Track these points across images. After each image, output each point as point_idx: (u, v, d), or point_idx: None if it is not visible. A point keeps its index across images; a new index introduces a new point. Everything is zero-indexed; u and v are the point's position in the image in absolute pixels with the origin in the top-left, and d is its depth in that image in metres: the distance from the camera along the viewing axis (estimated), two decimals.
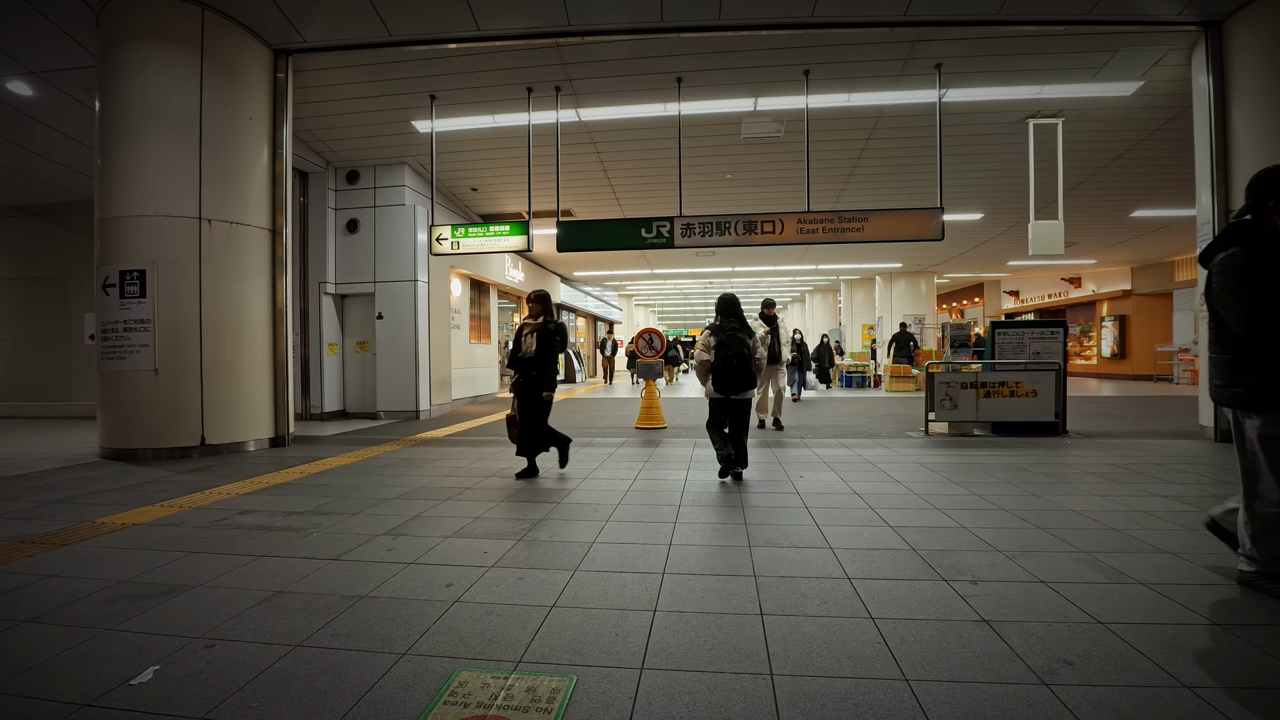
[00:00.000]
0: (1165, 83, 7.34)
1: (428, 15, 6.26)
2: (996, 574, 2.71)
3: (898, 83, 7.46)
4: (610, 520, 3.67)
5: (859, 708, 1.71)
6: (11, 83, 7.16)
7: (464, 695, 1.78)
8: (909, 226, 7.52)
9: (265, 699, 1.78)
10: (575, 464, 5.56)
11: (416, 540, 3.31)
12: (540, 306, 5.11)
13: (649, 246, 7.87)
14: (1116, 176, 10.63)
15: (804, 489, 4.46)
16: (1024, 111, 8.19)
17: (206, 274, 6.16)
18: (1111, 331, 20.46)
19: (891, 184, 11.09)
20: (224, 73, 6.30)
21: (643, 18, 6.31)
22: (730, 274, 22.44)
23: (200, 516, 3.83)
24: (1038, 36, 6.56)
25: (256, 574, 2.81)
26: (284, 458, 6.07)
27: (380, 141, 9.28)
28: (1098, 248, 16.62)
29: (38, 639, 2.17)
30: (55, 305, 10.90)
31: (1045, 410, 7.03)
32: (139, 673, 1.93)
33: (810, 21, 6.29)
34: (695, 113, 8.10)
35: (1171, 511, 3.74)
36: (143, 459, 5.89)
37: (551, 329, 5.01)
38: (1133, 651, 2.00)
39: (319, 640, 2.14)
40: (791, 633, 2.16)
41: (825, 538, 3.27)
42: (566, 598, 2.49)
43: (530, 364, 4.97)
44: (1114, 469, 5.09)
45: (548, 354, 4.99)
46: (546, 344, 4.98)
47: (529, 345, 4.98)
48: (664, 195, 11.19)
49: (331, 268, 10.05)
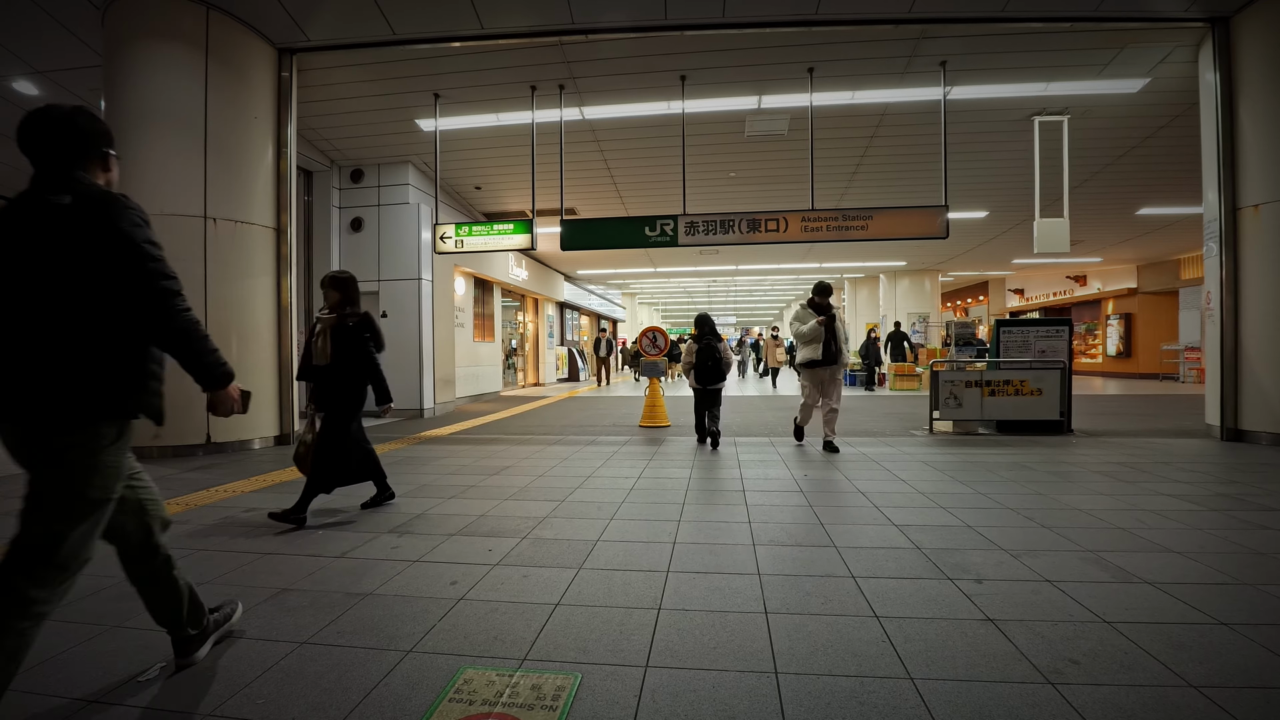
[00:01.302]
0: (1172, 79, 7.30)
1: (432, 14, 6.26)
2: (1002, 573, 2.70)
3: (902, 80, 7.44)
4: (614, 518, 3.67)
5: (864, 706, 1.71)
6: (18, 82, 7.20)
7: (469, 693, 1.79)
8: (913, 225, 7.49)
9: (271, 695, 1.79)
10: (579, 463, 5.57)
11: (421, 538, 3.32)
12: (339, 294, 3.83)
13: (653, 245, 7.86)
14: (1122, 174, 10.58)
15: (808, 487, 4.45)
16: (1029, 109, 8.16)
17: (212, 273, 6.18)
18: (1117, 330, 20.37)
19: (896, 182, 11.06)
20: (229, 72, 6.31)
21: (646, 15, 6.30)
22: (734, 272, 22.42)
23: (206, 514, 3.85)
24: (1043, 34, 6.53)
25: (262, 571, 2.82)
26: (289, 456, 6.08)
27: (384, 140, 9.29)
28: (1103, 245, 16.54)
29: (45, 635, 2.17)
30: None
31: (1050, 409, 7.01)
32: (146, 669, 1.94)
33: (814, 19, 6.27)
34: (699, 111, 8.09)
35: (1178, 511, 3.73)
36: (148, 457, 5.91)
37: (352, 325, 3.77)
38: (1139, 651, 1.99)
39: (324, 637, 2.15)
40: (796, 631, 2.15)
41: (830, 536, 3.26)
42: (571, 596, 2.50)
43: (327, 374, 3.76)
44: (1120, 468, 5.07)
45: (351, 361, 3.77)
46: (347, 347, 3.76)
47: (321, 348, 3.77)
48: (668, 193, 11.17)
49: (336, 266, 10.07)
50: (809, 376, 6.04)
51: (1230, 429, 6.43)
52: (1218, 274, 6.51)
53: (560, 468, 5.35)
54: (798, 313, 6.03)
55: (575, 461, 5.64)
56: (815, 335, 5.84)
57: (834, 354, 5.84)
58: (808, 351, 5.93)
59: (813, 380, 6.03)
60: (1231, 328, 6.42)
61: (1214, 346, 6.62)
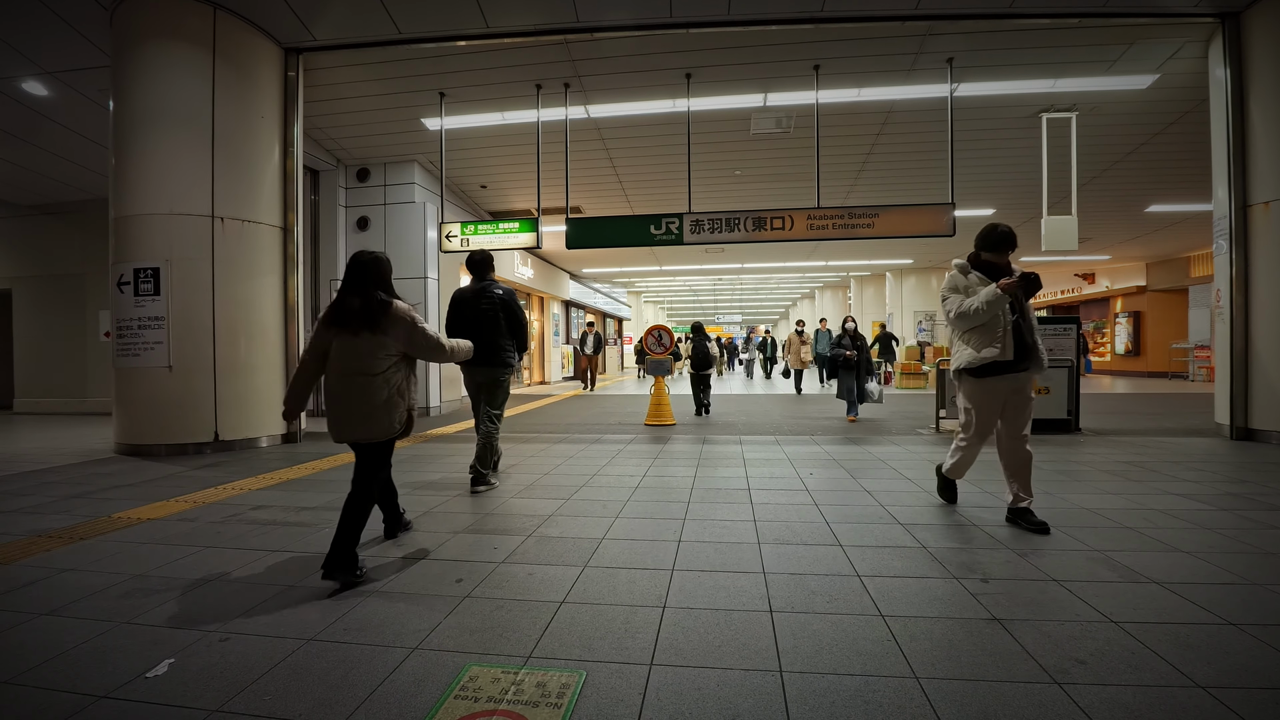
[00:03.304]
0: (1182, 75, 7.24)
1: (437, 13, 6.27)
2: (1008, 572, 2.69)
3: (909, 77, 7.40)
4: (619, 517, 3.68)
5: (869, 705, 1.70)
6: (27, 83, 7.24)
7: (474, 690, 1.79)
8: (920, 222, 7.46)
9: (279, 692, 1.80)
10: (584, 461, 5.58)
11: (427, 535, 3.33)
12: None
13: (658, 243, 7.85)
14: (1132, 171, 10.50)
15: (814, 486, 4.45)
16: (1037, 106, 8.10)
17: (219, 271, 6.22)
18: (1125, 328, 20.22)
19: (902, 179, 11.01)
20: (235, 71, 6.34)
21: (651, 13, 6.30)
22: (739, 270, 22.38)
23: (214, 511, 3.88)
24: (1051, 30, 6.48)
25: (269, 568, 2.84)
26: (296, 453, 6.12)
27: (390, 139, 9.31)
28: (1112, 243, 16.42)
29: (56, 631, 2.21)
30: (71, 303, 11.03)
31: (1058, 407, 6.96)
32: (155, 665, 1.95)
33: (820, 16, 6.24)
34: (704, 109, 8.07)
35: (1186, 510, 3.70)
36: (157, 455, 5.96)
37: None
38: (1146, 651, 1.98)
39: (331, 634, 2.16)
40: (801, 630, 2.15)
41: (835, 535, 3.26)
42: (576, 593, 2.50)
43: None
44: (1128, 467, 5.04)
45: None
46: None
47: None
48: (673, 192, 11.16)
49: (342, 265, 10.10)
50: (980, 391, 3.45)
51: (1240, 428, 6.38)
52: (1228, 271, 6.45)
53: (565, 465, 5.36)
54: (951, 278, 3.56)
55: (580, 459, 5.65)
56: (991, 315, 3.31)
57: (1030, 349, 3.36)
58: (976, 345, 3.39)
59: (986, 397, 3.43)
60: (1242, 326, 6.37)
61: (1224, 345, 6.56)
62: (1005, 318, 3.31)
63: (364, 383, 2.80)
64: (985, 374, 3.38)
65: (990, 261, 3.49)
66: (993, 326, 3.31)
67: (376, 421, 2.82)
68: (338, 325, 2.83)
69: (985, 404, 3.45)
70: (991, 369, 3.35)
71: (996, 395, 3.41)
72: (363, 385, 2.80)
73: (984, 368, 3.36)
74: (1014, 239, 3.45)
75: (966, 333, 3.44)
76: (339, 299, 2.89)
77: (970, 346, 3.41)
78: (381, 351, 2.83)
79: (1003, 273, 3.42)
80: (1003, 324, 3.30)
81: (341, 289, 2.93)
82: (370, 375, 2.81)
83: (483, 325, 4.49)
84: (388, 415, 2.85)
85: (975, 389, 3.45)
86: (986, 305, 3.26)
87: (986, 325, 3.33)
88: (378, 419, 2.83)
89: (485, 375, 4.56)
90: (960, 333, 3.48)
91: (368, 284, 2.88)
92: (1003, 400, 3.43)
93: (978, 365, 3.35)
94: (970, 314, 3.32)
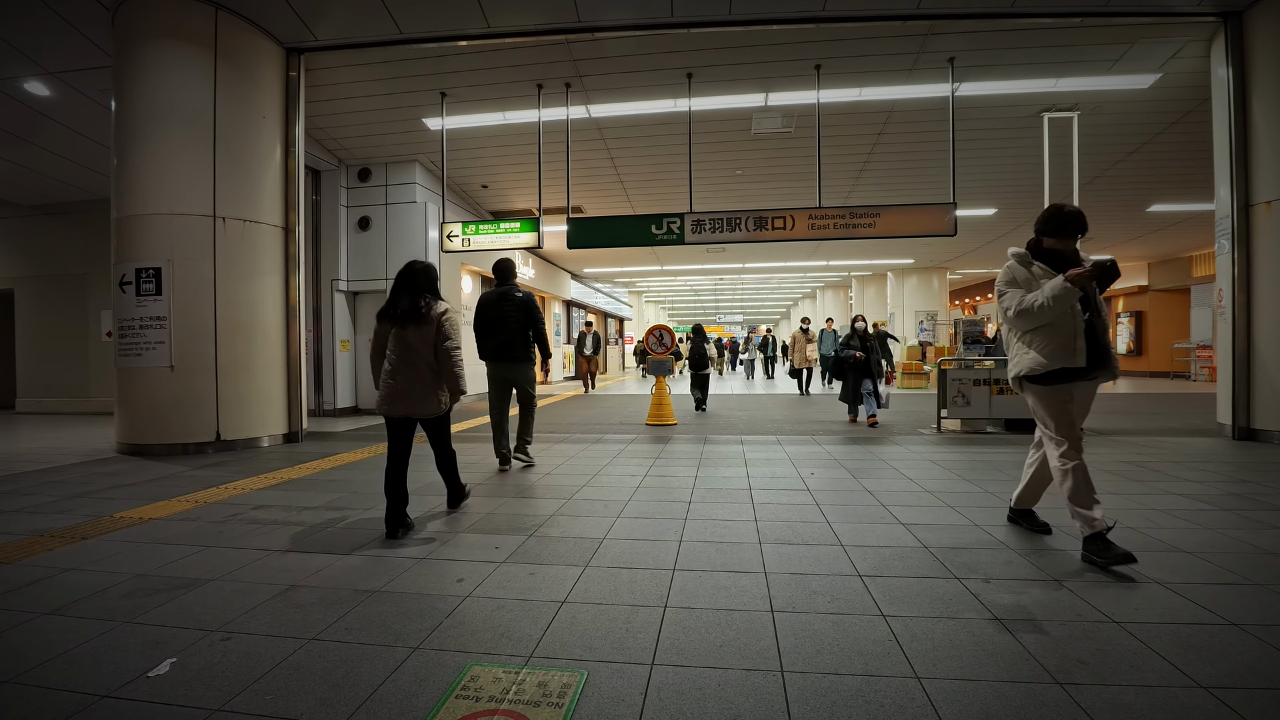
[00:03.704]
0: (1184, 75, 7.23)
1: (438, 13, 6.27)
2: (1010, 572, 2.69)
3: (910, 77, 7.40)
4: (621, 517, 3.68)
5: (870, 705, 1.70)
6: (29, 83, 7.26)
7: (475, 689, 1.79)
8: (921, 222, 7.46)
9: (280, 691, 1.80)
10: (586, 460, 5.58)
11: (428, 535, 3.33)
12: None
13: (659, 243, 7.85)
14: (1133, 170, 10.48)
15: (815, 485, 4.44)
16: (1039, 105, 8.10)
17: (221, 271, 6.22)
18: (1127, 328, 20.20)
19: (904, 179, 11.01)
20: (237, 71, 6.34)
21: (652, 13, 6.29)
22: (741, 270, 22.37)
23: (216, 511, 3.88)
24: (1052, 29, 6.47)
25: (271, 568, 2.84)
26: (298, 453, 6.13)
27: (391, 139, 9.32)
28: (1114, 243, 16.40)
29: (58, 631, 2.21)
30: (73, 303, 11.04)
31: None
32: (156, 665, 1.95)
33: (821, 16, 6.24)
34: (705, 108, 8.07)
35: (1189, 510, 3.69)
36: (159, 454, 5.96)
37: None
38: (1148, 651, 1.98)
39: (333, 634, 2.16)
40: (802, 630, 2.15)
41: (836, 535, 3.25)
42: (577, 593, 2.50)
43: None
44: (1130, 467, 5.03)
45: None
46: None
47: None
48: (674, 191, 11.16)
49: (344, 265, 10.12)
50: (1050, 396, 2.93)
51: (1242, 428, 6.37)
52: (1230, 271, 6.44)
53: (566, 465, 5.36)
54: (1009, 270, 3.01)
55: (581, 459, 5.65)
56: (1059, 312, 2.80)
57: (1103, 353, 2.88)
58: (1041, 348, 2.89)
59: (1058, 400, 2.91)
60: (1244, 325, 6.36)
61: (1226, 344, 6.55)
62: (1076, 316, 2.82)
63: (415, 369, 3.38)
64: (1052, 381, 2.88)
65: (1054, 249, 2.96)
66: (1061, 326, 2.82)
67: (426, 401, 3.40)
68: (390, 320, 3.43)
69: (1059, 407, 2.92)
70: (1059, 375, 2.86)
71: (1060, 401, 2.92)
72: (412, 371, 3.38)
73: (1054, 374, 2.86)
74: (1083, 221, 2.91)
75: (1028, 333, 2.93)
76: (391, 299, 3.46)
77: (1033, 349, 2.89)
78: (426, 343, 3.38)
79: (1069, 262, 2.90)
80: (1072, 323, 2.82)
81: (393, 291, 3.48)
82: (420, 363, 3.38)
83: (505, 325, 5.10)
84: (435, 396, 3.43)
85: (1045, 396, 2.94)
86: (1053, 301, 2.73)
87: (1053, 324, 2.83)
88: (426, 399, 3.40)
89: (508, 370, 5.17)
90: (1019, 333, 2.98)
91: (416, 286, 3.44)
92: (1068, 405, 2.93)
93: (1042, 372, 2.87)
94: (1034, 311, 2.80)
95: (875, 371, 7.93)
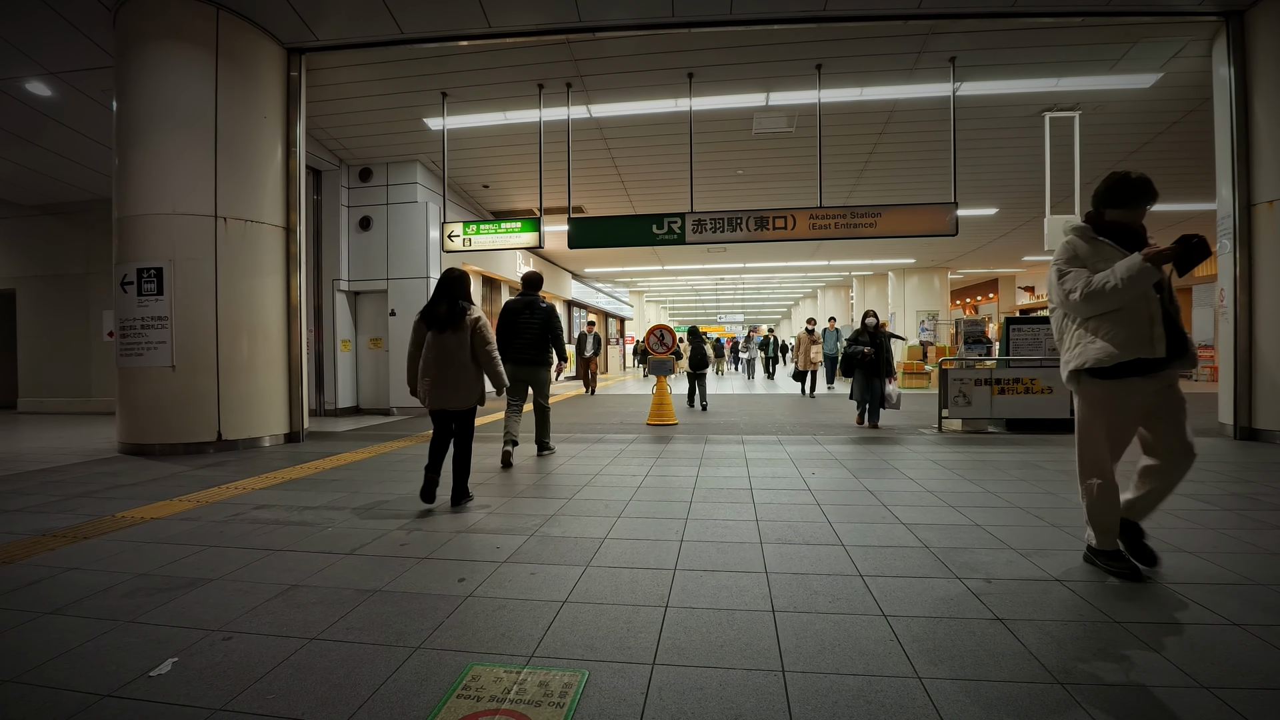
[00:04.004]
0: (1185, 74, 7.22)
1: (439, 13, 6.27)
2: (1011, 572, 2.69)
3: (911, 77, 7.39)
4: (622, 516, 3.68)
5: (871, 705, 1.70)
6: (31, 84, 7.26)
7: (477, 689, 1.79)
8: (922, 222, 7.45)
9: (281, 691, 1.80)
10: (587, 460, 5.58)
11: (429, 535, 3.34)
12: None
13: (660, 243, 7.85)
14: (1135, 169, 10.45)
15: (816, 485, 4.44)
16: (1040, 105, 8.09)
17: (222, 271, 6.23)
18: None
19: (905, 179, 11.00)
20: (238, 72, 6.35)
21: (653, 13, 6.29)
22: (742, 270, 22.37)
23: (217, 511, 3.88)
24: (1054, 29, 6.47)
25: (272, 568, 2.84)
26: (299, 453, 6.13)
27: (392, 139, 9.33)
28: None
29: (60, 630, 2.21)
30: (75, 303, 11.06)
31: (1061, 407, 6.95)
32: (158, 664, 1.96)
33: (823, 15, 6.24)
34: (706, 108, 8.07)
35: (1190, 510, 3.69)
36: (160, 454, 5.97)
37: None
38: (1149, 651, 1.98)
39: (334, 633, 2.16)
40: (803, 630, 2.15)
41: (837, 535, 3.25)
42: (578, 593, 2.50)
43: None
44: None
45: None
46: None
47: None
48: (675, 191, 11.16)
49: (345, 265, 10.13)
50: (1115, 396, 2.59)
51: (1244, 428, 6.36)
52: (1231, 271, 6.43)
53: (567, 465, 5.36)
54: (1069, 247, 2.66)
55: (582, 459, 5.65)
56: (1133, 295, 2.45)
57: (1182, 340, 2.54)
58: (1109, 336, 2.51)
59: (1124, 402, 2.59)
60: (1245, 325, 6.35)
61: (1228, 344, 6.54)
62: (1150, 299, 2.47)
63: (451, 368, 3.84)
64: (1120, 374, 2.51)
65: (1119, 223, 2.61)
66: (1134, 311, 2.46)
67: (463, 396, 3.88)
68: (430, 325, 3.90)
69: (1122, 413, 2.56)
70: (1131, 367, 2.48)
71: (1136, 400, 2.54)
72: (450, 370, 3.84)
73: (1124, 366, 2.49)
74: (1153, 189, 2.57)
75: (1091, 319, 2.55)
76: (430, 305, 3.93)
77: (1100, 338, 2.50)
78: (461, 346, 3.86)
79: (1138, 237, 2.59)
80: (1147, 308, 2.46)
81: (433, 297, 3.95)
82: (455, 363, 3.85)
83: (528, 332, 5.60)
84: (469, 391, 3.90)
85: (1107, 395, 2.56)
86: (1127, 282, 2.36)
87: (1125, 309, 2.47)
88: (462, 394, 3.88)
89: (528, 372, 5.64)
90: (1080, 319, 2.60)
91: (453, 294, 3.91)
92: (1144, 406, 2.59)
93: (1112, 364, 2.48)
94: (1104, 294, 2.42)
95: (885, 370, 7.50)
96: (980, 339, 9.39)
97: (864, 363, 7.45)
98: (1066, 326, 2.68)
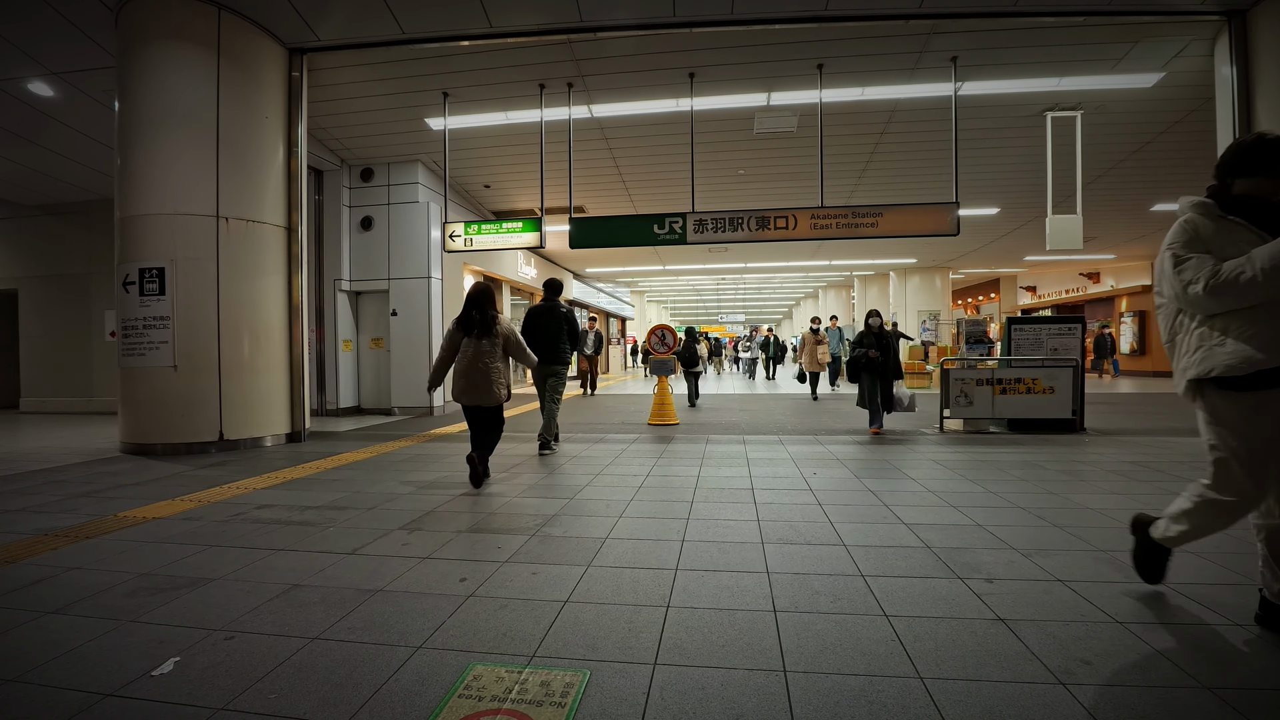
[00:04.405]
0: (1188, 74, 7.21)
1: (441, 13, 6.27)
2: (1012, 572, 2.68)
3: (912, 76, 7.39)
4: (623, 516, 3.68)
5: (872, 705, 1.70)
6: (33, 84, 7.27)
7: (478, 689, 1.79)
8: (924, 221, 7.45)
9: (283, 690, 1.80)
10: (588, 460, 5.58)
11: (431, 535, 3.34)
12: None
13: (661, 242, 7.85)
14: (1137, 169, 10.45)
15: (817, 485, 4.44)
16: (1042, 104, 8.08)
17: (224, 271, 6.24)
18: (1131, 327, 20.15)
19: (906, 178, 10.99)
20: (240, 72, 6.36)
21: (654, 13, 6.29)
22: (743, 270, 22.35)
23: (219, 510, 3.89)
24: (1056, 28, 6.46)
25: (274, 567, 2.85)
26: (300, 453, 6.14)
27: (394, 139, 9.33)
28: (1117, 242, 16.36)
29: (62, 630, 2.22)
30: (77, 303, 11.07)
31: (1062, 407, 6.94)
32: (160, 664, 1.96)
33: (824, 15, 6.23)
34: (707, 108, 8.07)
35: None
36: (162, 454, 5.98)
37: None
38: (1152, 651, 1.97)
39: (336, 633, 2.16)
40: (805, 630, 2.15)
41: (839, 535, 3.25)
42: (580, 593, 2.50)
43: None
44: (1133, 466, 5.02)
45: None
46: None
47: None
48: (676, 191, 11.16)
49: (346, 265, 10.13)
50: (1252, 411, 2.00)
51: None
52: None
53: (569, 465, 5.37)
54: (1187, 227, 2.15)
55: (584, 459, 5.65)
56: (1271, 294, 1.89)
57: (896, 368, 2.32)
58: (1246, 336, 1.95)
59: (1264, 420, 1.99)
60: None
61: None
62: None
63: (483, 370, 4.44)
64: (1259, 385, 1.94)
65: (1251, 196, 2.07)
66: (1274, 307, 1.91)
67: (492, 394, 4.48)
68: (465, 331, 4.50)
69: (1261, 432, 1.98)
70: (1274, 376, 1.92)
71: (1267, 413, 1.96)
72: (482, 371, 4.44)
73: (1256, 376, 1.93)
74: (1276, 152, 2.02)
75: (1219, 317, 2.01)
76: (464, 313, 4.52)
77: (1233, 338, 1.96)
78: (493, 350, 4.48)
79: (1278, 212, 2.03)
80: None
81: (465, 306, 4.55)
82: (487, 365, 4.45)
83: (549, 334, 6.09)
84: (498, 390, 4.50)
85: (1241, 409, 2.00)
86: (1270, 273, 1.83)
87: (1267, 305, 1.91)
88: (493, 392, 4.48)
89: (548, 370, 6.10)
90: (1201, 317, 2.07)
91: (485, 304, 4.52)
92: None
93: (1249, 372, 1.93)
94: (1238, 286, 1.89)
95: (893, 373, 7.09)
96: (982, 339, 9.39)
97: (870, 366, 7.06)
98: (1182, 325, 2.14)
